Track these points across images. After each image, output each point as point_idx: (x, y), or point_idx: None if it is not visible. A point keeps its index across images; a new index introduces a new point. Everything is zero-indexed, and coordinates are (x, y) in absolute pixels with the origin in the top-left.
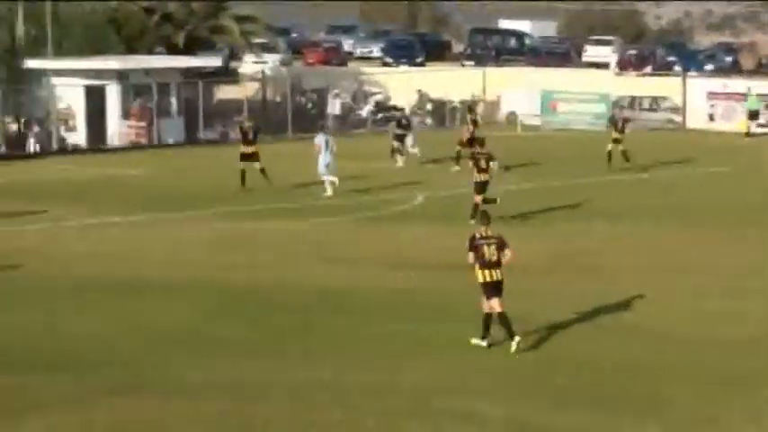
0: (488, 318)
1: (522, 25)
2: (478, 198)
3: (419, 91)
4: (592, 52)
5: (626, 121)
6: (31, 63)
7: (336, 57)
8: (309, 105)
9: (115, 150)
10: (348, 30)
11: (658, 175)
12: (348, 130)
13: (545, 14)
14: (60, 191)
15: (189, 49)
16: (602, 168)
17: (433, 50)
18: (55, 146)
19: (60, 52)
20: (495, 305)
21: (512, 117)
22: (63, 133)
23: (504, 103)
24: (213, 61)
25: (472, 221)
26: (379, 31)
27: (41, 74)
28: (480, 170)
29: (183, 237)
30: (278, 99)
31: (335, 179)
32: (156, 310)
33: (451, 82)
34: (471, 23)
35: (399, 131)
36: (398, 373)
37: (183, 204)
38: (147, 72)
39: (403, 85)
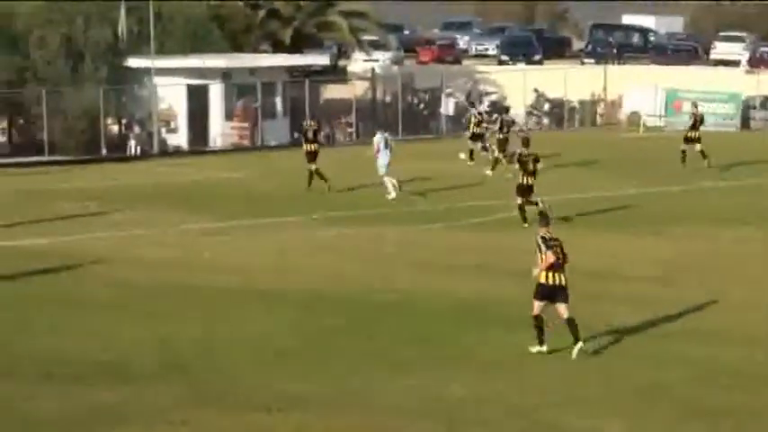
0: (539, 320)
1: (647, 21)
2: (520, 201)
3: (536, 90)
4: (721, 49)
5: (698, 118)
6: (133, 62)
7: (450, 54)
8: (421, 106)
9: (217, 153)
10: (463, 26)
11: None
12: (461, 131)
13: (671, 10)
14: (160, 195)
15: (295, 47)
16: (726, 172)
17: (552, 47)
18: (156, 148)
19: (163, 50)
20: (562, 311)
21: (634, 117)
22: (164, 135)
23: (626, 102)
24: (320, 59)
25: (525, 225)
26: (495, 27)
27: (143, 73)
28: (527, 173)
29: (283, 243)
30: (388, 99)
31: (395, 180)
32: (257, 318)
33: (570, 81)
34: (592, 19)
35: (501, 135)
36: (495, 382)
37: (284, 209)
38: (252, 71)
39: (519, 84)
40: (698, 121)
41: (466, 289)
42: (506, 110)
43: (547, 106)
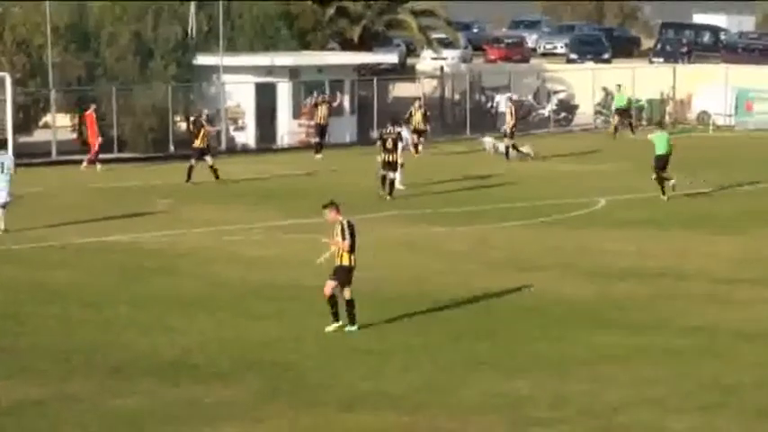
0: (333, 299)
1: (718, 20)
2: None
3: (604, 89)
4: None
5: None
6: (202, 59)
7: (519, 53)
8: (489, 104)
9: (284, 150)
10: (532, 25)
11: None
12: (528, 130)
13: (743, 8)
14: (230, 192)
15: (364, 45)
16: None
17: (621, 46)
18: (223, 146)
19: (231, 48)
20: (347, 293)
21: (703, 117)
22: (232, 133)
23: (695, 101)
24: (389, 57)
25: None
26: (564, 25)
27: (212, 71)
28: None
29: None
30: (456, 97)
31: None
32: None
33: (639, 80)
34: (663, 18)
35: None
36: (568, 382)
37: (351, 208)
38: (320, 69)
39: (587, 82)
40: None
41: (539, 287)
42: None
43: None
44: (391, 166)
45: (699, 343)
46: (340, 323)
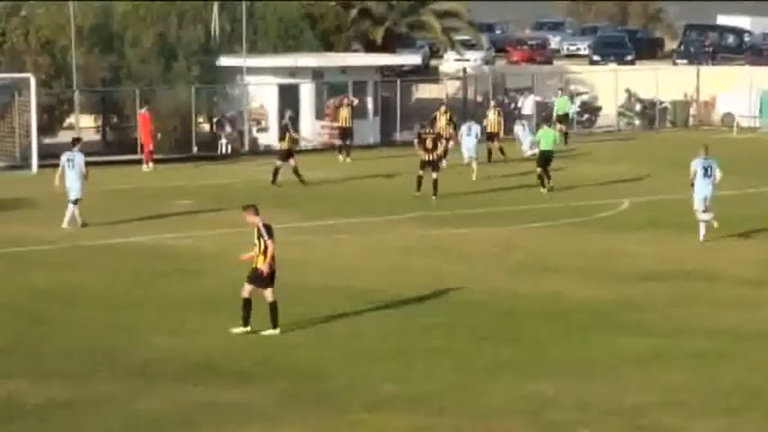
0: (248, 303)
1: (742, 21)
2: None
3: (628, 90)
4: None
5: None
6: (225, 61)
7: (542, 54)
8: (512, 106)
9: (308, 152)
10: (555, 26)
11: None
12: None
13: (766, 11)
14: (250, 194)
15: (387, 46)
16: None
17: (644, 48)
18: (246, 147)
19: (254, 49)
20: (268, 295)
21: (728, 118)
22: (255, 134)
23: (719, 103)
24: (412, 59)
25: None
26: (587, 27)
27: (235, 72)
28: None
29: (371, 243)
30: (479, 99)
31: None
32: (354, 317)
33: (663, 81)
34: (686, 20)
35: None
36: (591, 384)
37: (375, 209)
38: (344, 70)
39: (611, 84)
40: None
41: (562, 290)
42: None
43: (638, 107)
44: (431, 165)
45: (722, 346)
46: (248, 329)
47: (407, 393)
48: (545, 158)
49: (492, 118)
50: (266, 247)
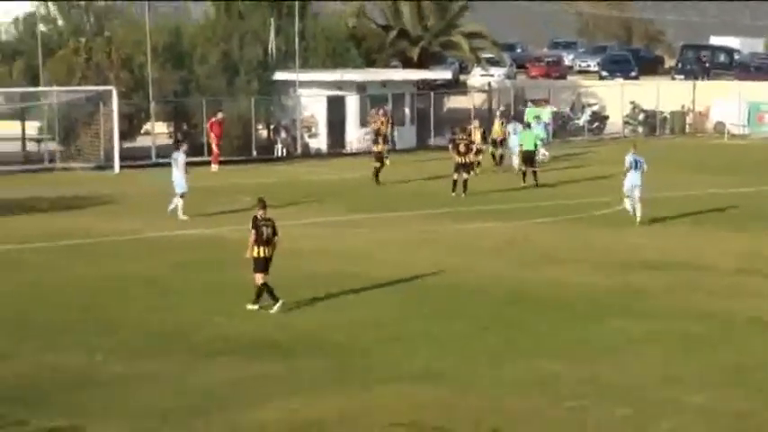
0: (267, 286)
1: (732, 42)
2: None
3: (632, 102)
4: None
5: None
6: (280, 75)
7: (557, 70)
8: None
9: (353, 155)
10: (568, 45)
11: None
12: (566, 137)
13: (754, 32)
14: (302, 191)
15: (422, 63)
16: None
17: (646, 65)
18: (299, 151)
19: (306, 65)
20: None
21: (720, 127)
22: (306, 139)
23: (712, 113)
24: (444, 74)
25: None
26: (597, 46)
27: (289, 85)
28: None
29: (413, 235)
30: (502, 109)
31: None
32: (378, 305)
33: (662, 94)
34: (683, 40)
35: None
36: (595, 364)
37: (405, 205)
38: (384, 84)
39: (617, 96)
40: None
41: (567, 279)
42: None
43: (641, 116)
44: (464, 167)
45: (712, 329)
46: (281, 302)
47: (436, 369)
48: (527, 157)
49: (497, 127)
50: (251, 239)
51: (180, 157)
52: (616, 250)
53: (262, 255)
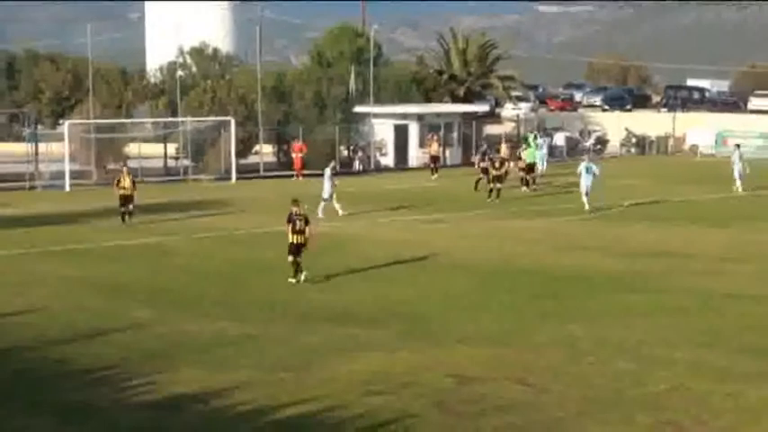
0: (296, 263)
1: (704, 83)
2: None
3: (626, 129)
4: (756, 102)
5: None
6: (358, 108)
7: (570, 105)
8: (551, 139)
9: (413, 169)
10: (578, 86)
11: None
12: (576, 156)
13: (720, 75)
14: (376, 197)
15: (467, 99)
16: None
17: (638, 101)
18: (372, 166)
19: (378, 101)
20: (299, 259)
21: (694, 148)
22: (378, 157)
23: (688, 138)
24: (483, 107)
25: None
26: (600, 87)
27: (365, 116)
28: None
29: (465, 230)
30: (528, 133)
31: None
32: (451, 281)
33: (650, 123)
34: (666, 82)
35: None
36: (605, 327)
37: (460, 206)
38: (438, 115)
39: (615, 125)
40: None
41: (585, 262)
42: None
43: (634, 140)
44: (497, 179)
45: (698, 301)
46: (304, 273)
47: (483, 332)
48: (528, 167)
49: (504, 150)
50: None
51: (327, 172)
52: (624, 241)
53: (296, 241)
